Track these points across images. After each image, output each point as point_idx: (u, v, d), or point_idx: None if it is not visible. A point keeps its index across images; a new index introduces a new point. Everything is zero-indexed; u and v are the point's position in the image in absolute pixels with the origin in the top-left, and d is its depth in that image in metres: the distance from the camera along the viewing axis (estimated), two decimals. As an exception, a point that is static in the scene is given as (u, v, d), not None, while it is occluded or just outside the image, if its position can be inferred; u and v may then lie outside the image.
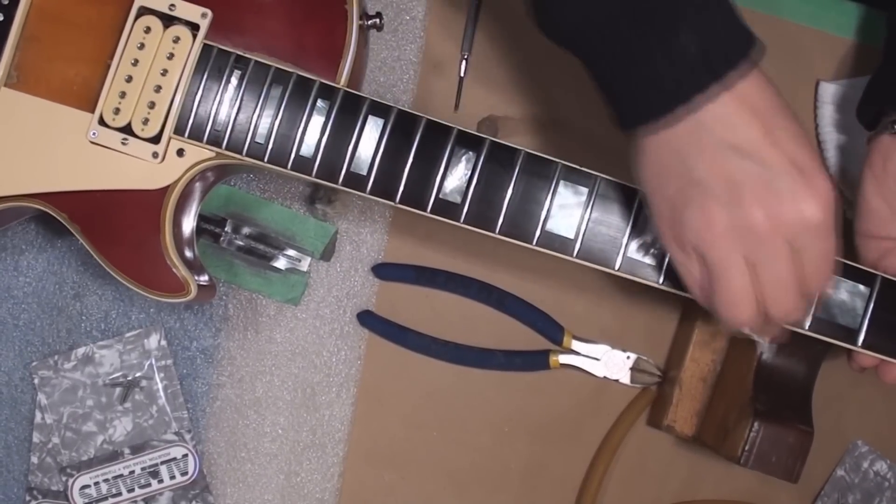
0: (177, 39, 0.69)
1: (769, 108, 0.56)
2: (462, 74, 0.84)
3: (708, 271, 0.59)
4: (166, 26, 0.69)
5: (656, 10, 0.56)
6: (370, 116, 0.68)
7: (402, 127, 0.68)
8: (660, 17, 0.56)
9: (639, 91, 0.57)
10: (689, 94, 0.55)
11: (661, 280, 0.67)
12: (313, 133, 0.69)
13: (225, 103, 0.69)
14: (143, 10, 0.69)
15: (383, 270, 0.85)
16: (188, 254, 0.72)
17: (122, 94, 0.69)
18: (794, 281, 0.58)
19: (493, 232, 0.68)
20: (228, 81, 0.69)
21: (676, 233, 0.59)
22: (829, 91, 0.84)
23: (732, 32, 0.56)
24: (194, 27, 0.69)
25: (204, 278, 0.73)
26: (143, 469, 0.83)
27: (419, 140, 0.68)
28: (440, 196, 0.68)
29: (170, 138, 0.69)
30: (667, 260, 0.66)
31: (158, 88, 0.69)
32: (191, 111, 0.69)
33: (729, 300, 0.59)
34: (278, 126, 0.69)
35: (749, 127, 0.56)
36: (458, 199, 0.68)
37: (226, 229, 0.83)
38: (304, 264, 0.84)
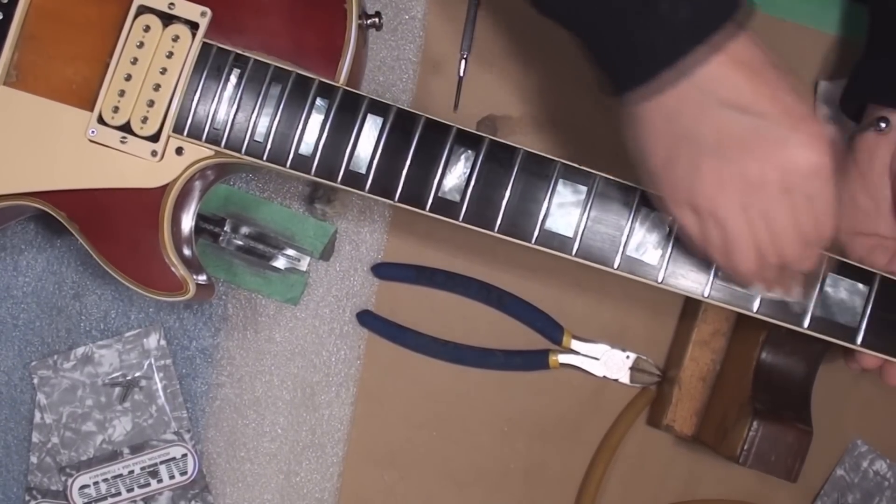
0: (176, 38, 0.69)
1: (762, 63, 0.57)
2: (461, 74, 0.84)
3: (720, 230, 0.60)
4: (165, 25, 0.69)
5: None
6: (369, 115, 0.68)
7: (401, 125, 0.68)
8: None
9: (628, 57, 0.58)
10: (674, 59, 0.56)
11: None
12: (312, 131, 0.68)
13: (224, 102, 0.69)
14: (143, 9, 0.69)
15: (383, 270, 0.85)
16: (186, 252, 0.72)
17: (122, 93, 0.69)
18: (794, 227, 0.59)
19: (492, 230, 0.68)
20: (227, 80, 0.69)
21: (686, 196, 0.60)
22: (829, 91, 0.84)
23: None
24: (193, 26, 0.69)
25: (202, 277, 0.73)
26: (142, 469, 0.83)
27: (418, 138, 0.68)
28: (439, 194, 0.68)
29: (168, 136, 0.69)
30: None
31: (157, 87, 0.69)
32: (190, 109, 0.69)
33: (734, 251, 0.60)
34: (277, 124, 0.69)
35: (743, 83, 0.56)
36: (457, 198, 0.68)
37: (225, 229, 0.83)
38: (304, 264, 0.84)
